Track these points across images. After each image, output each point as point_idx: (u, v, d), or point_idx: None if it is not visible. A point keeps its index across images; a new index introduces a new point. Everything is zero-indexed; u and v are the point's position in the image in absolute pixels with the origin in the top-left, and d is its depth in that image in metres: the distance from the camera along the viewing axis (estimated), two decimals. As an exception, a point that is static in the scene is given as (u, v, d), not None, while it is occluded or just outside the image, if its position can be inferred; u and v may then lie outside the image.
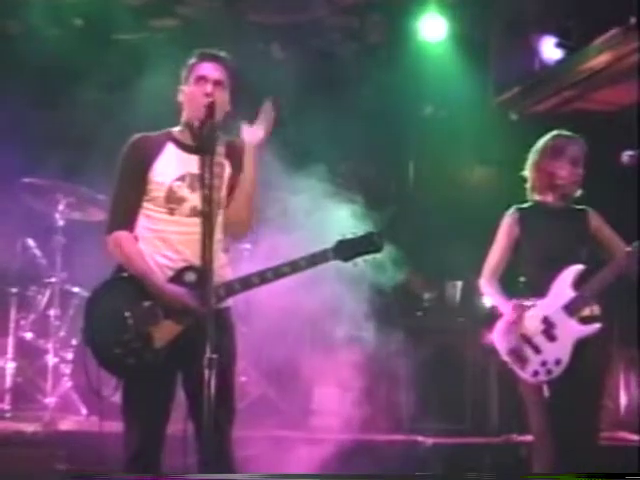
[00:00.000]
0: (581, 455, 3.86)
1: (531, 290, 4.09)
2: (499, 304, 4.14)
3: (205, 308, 2.99)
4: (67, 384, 5.59)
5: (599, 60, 5.82)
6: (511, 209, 4.23)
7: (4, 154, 5.72)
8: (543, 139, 4.21)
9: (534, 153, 4.22)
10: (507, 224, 4.21)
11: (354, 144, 6.70)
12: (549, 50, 6.21)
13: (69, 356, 5.68)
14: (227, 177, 3.46)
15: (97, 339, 3.31)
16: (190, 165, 3.38)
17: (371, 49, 7.26)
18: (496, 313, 4.18)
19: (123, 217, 3.40)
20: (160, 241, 3.37)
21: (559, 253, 4.06)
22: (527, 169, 4.24)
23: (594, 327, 3.97)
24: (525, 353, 3.97)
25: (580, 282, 3.99)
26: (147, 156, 3.40)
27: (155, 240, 3.38)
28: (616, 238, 4.15)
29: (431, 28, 6.94)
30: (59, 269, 5.71)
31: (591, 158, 4.16)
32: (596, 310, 4.05)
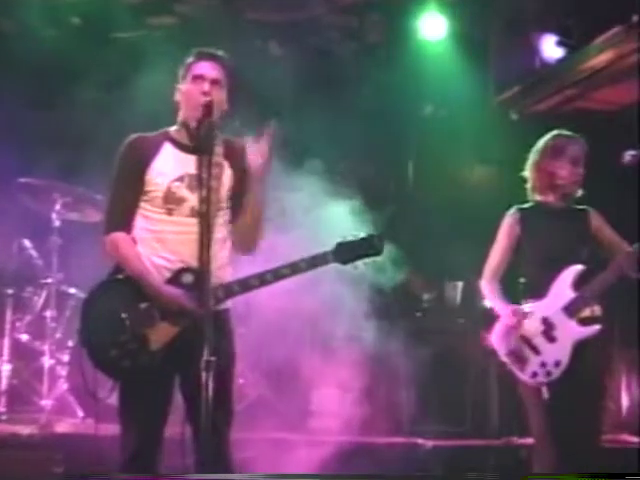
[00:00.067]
0: (582, 457, 3.84)
1: (531, 291, 4.08)
2: (498, 308, 4.12)
3: (202, 310, 2.98)
4: (63, 386, 5.56)
5: (600, 59, 5.81)
6: (512, 209, 4.22)
7: (0, 154, 5.68)
8: (543, 139, 4.21)
9: (534, 153, 4.21)
10: (508, 224, 4.20)
11: (353, 143, 6.67)
12: (550, 49, 6.20)
13: (65, 358, 5.64)
14: (227, 178, 3.42)
15: (93, 341, 3.30)
16: (188, 165, 3.36)
17: (370, 48, 7.24)
18: (496, 314, 4.16)
19: (120, 218, 3.38)
20: (158, 242, 3.34)
21: (560, 253, 4.05)
22: (527, 169, 4.23)
23: (594, 328, 3.96)
24: (524, 354, 3.96)
25: (580, 282, 3.99)
26: (144, 156, 3.37)
27: (153, 241, 3.35)
28: (617, 238, 4.14)
29: (431, 27, 6.93)
30: (55, 270, 5.67)
31: (592, 158, 4.15)
32: (597, 311, 4.04)
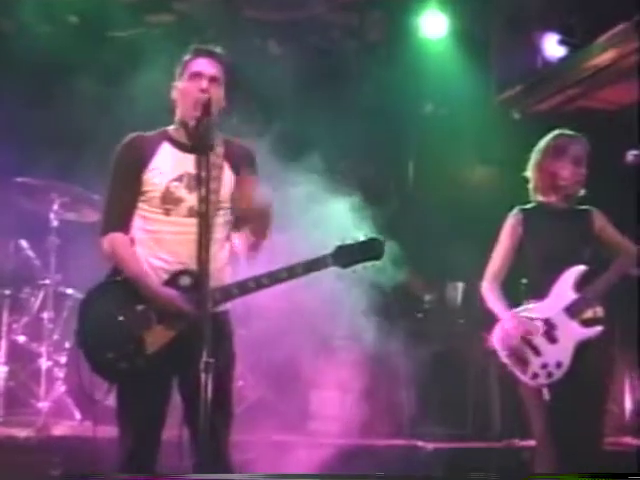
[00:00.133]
0: (583, 460, 3.82)
1: (533, 291, 4.07)
2: (499, 313, 4.09)
3: (200, 312, 2.96)
4: (61, 388, 5.51)
5: (603, 58, 5.82)
6: (514, 210, 4.20)
7: (-3, 153, 5.69)
8: (545, 139, 4.19)
9: (536, 153, 4.19)
10: (510, 225, 4.18)
11: (353, 142, 6.67)
12: (552, 47, 6.20)
13: (63, 360, 5.60)
14: (227, 178, 3.39)
15: (90, 343, 3.28)
16: (187, 164, 3.33)
17: (371, 46, 7.25)
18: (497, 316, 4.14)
19: (117, 219, 3.36)
20: (156, 242, 3.32)
21: (562, 254, 4.02)
22: (529, 169, 4.21)
23: (596, 330, 3.95)
24: (525, 355, 3.94)
25: (582, 283, 3.97)
26: (142, 156, 3.35)
27: (150, 242, 3.33)
28: (621, 238, 4.12)
29: (432, 25, 6.94)
30: (53, 270, 5.63)
31: (595, 157, 4.12)
32: (599, 312, 4.03)
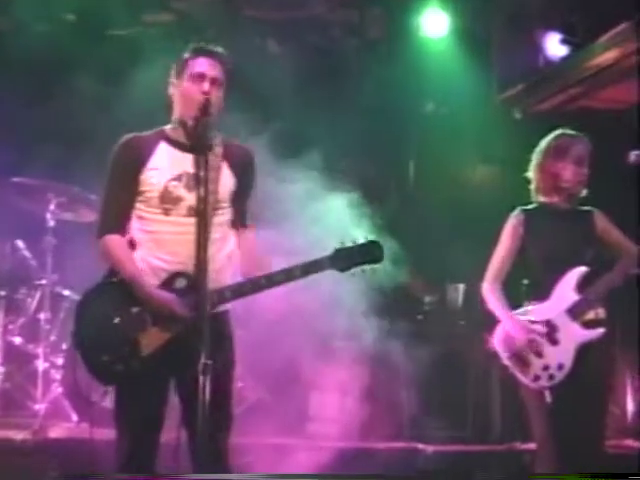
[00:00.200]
0: (585, 462, 3.80)
1: (535, 293, 4.05)
2: (500, 315, 4.06)
3: (196, 314, 2.95)
4: (57, 390, 5.51)
5: (605, 57, 5.81)
6: (516, 210, 4.18)
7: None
8: (546, 139, 4.17)
9: (538, 153, 4.17)
10: (512, 226, 4.15)
11: (354, 141, 6.67)
12: (554, 46, 6.18)
13: (59, 361, 5.60)
14: (226, 178, 3.36)
15: (86, 344, 3.28)
16: (185, 164, 3.31)
17: (371, 44, 7.24)
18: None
19: (114, 220, 3.35)
20: (155, 243, 3.30)
21: (564, 255, 4.01)
22: (531, 170, 4.19)
23: (598, 331, 3.94)
24: (527, 357, 3.92)
25: (584, 284, 3.96)
26: (139, 156, 3.33)
27: (149, 242, 3.31)
28: (622, 238, 4.11)
29: (433, 23, 6.92)
30: (50, 271, 5.62)
31: (597, 157, 4.10)
32: (601, 313, 4.02)
